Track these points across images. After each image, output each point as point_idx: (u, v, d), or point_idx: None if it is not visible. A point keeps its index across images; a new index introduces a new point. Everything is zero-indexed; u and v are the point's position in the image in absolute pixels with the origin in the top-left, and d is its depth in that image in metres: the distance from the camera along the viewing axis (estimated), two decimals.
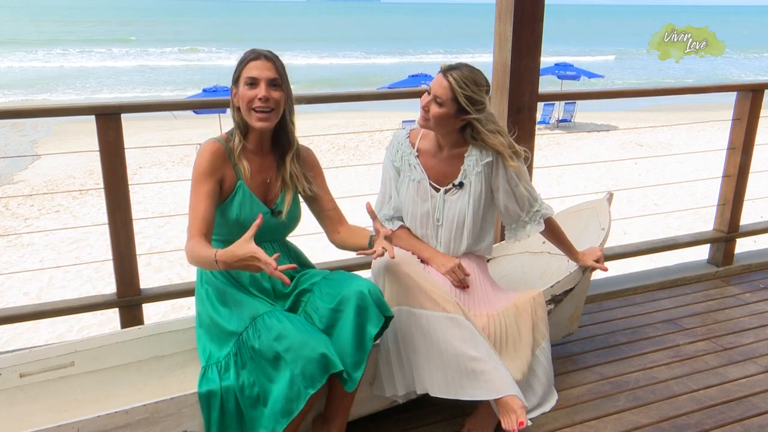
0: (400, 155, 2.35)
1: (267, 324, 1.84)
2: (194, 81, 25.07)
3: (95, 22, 60.39)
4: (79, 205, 10.07)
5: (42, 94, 23.93)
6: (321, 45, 44.67)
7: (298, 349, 1.76)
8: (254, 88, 1.93)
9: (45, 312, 2.73)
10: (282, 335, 1.79)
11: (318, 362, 1.75)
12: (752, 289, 3.40)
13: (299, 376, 1.75)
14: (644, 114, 18.44)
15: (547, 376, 2.30)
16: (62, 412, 2.02)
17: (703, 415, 2.31)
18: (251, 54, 1.96)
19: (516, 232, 2.39)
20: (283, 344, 1.78)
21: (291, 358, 1.76)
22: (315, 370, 1.75)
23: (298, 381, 1.75)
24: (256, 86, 1.93)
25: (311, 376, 1.75)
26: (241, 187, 1.98)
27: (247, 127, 2.00)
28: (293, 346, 1.77)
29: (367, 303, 1.88)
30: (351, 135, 15.13)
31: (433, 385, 2.05)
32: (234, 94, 1.98)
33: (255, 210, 1.98)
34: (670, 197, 9.68)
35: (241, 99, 1.95)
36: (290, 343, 1.77)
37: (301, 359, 1.75)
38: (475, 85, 2.17)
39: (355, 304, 1.87)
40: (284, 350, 1.77)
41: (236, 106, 1.98)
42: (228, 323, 1.92)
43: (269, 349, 1.79)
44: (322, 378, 1.76)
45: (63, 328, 5.71)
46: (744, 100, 3.42)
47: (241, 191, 1.99)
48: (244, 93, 1.94)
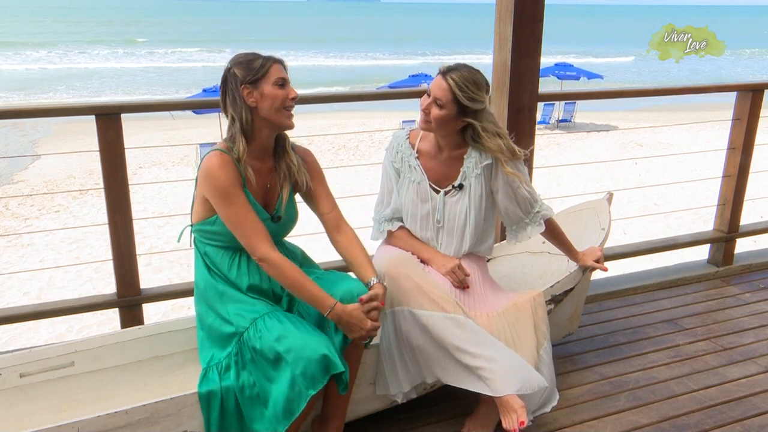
0: (400, 156, 2.35)
1: (268, 325, 1.84)
2: (196, 81, 25.05)
3: (91, 23, 60.26)
4: (79, 205, 10.07)
5: (43, 94, 23.92)
6: (321, 45, 44.66)
7: (299, 350, 1.76)
8: (284, 88, 1.96)
9: (45, 312, 2.73)
10: (283, 336, 1.79)
11: (319, 363, 1.75)
12: (752, 289, 3.40)
13: (300, 377, 1.75)
14: (644, 114, 18.43)
15: (550, 376, 2.30)
16: (62, 412, 2.02)
17: (703, 415, 2.31)
18: (270, 58, 1.97)
19: (516, 234, 2.39)
20: (284, 345, 1.78)
21: (292, 358, 1.76)
22: (316, 371, 1.75)
23: (300, 381, 1.75)
24: (286, 86, 1.96)
25: (312, 377, 1.75)
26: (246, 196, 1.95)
27: (253, 130, 1.96)
28: (294, 346, 1.77)
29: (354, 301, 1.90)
30: (351, 135, 15.12)
31: (442, 374, 2.08)
32: (249, 94, 1.93)
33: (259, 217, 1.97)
34: (670, 197, 9.68)
35: (270, 99, 1.93)
36: (291, 344, 1.77)
37: (303, 360, 1.75)
38: (475, 85, 2.17)
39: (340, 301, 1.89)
40: (285, 351, 1.77)
41: (250, 107, 1.94)
42: (229, 325, 1.92)
43: (270, 349, 1.79)
44: (323, 379, 1.76)
45: (63, 328, 5.71)
46: (744, 100, 3.42)
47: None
48: (274, 93, 1.93)
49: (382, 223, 2.37)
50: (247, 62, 1.95)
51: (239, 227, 1.89)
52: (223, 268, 1.98)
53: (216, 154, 1.92)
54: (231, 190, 1.89)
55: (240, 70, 1.93)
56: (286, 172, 2.05)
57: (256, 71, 1.93)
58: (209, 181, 1.89)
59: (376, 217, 2.40)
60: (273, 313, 1.89)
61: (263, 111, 1.94)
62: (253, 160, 1.99)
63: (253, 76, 1.93)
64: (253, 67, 1.93)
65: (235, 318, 1.91)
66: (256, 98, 1.93)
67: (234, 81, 1.93)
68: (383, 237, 2.38)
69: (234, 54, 2.01)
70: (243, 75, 1.93)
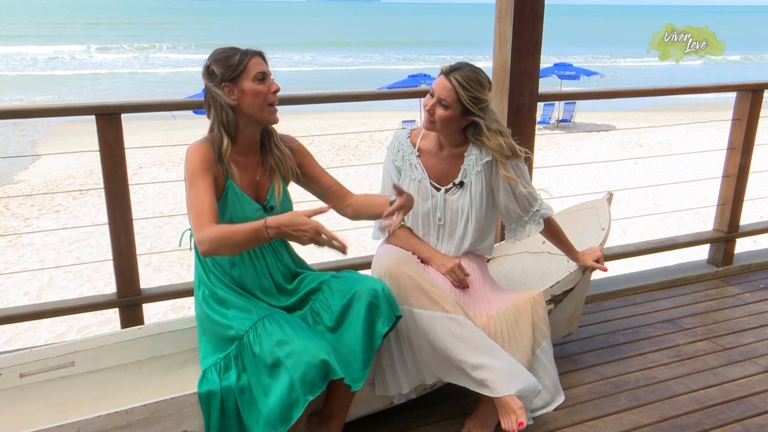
0: (401, 155, 2.35)
1: (267, 329, 1.82)
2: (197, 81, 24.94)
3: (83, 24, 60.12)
4: (79, 205, 10.06)
5: (44, 94, 23.90)
6: (321, 45, 44.63)
7: (299, 355, 1.74)
8: (264, 83, 1.93)
9: (45, 312, 2.73)
10: (283, 340, 1.77)
11: (319, 369, 1.73)
12: (752, 289, 3.40)
13: (299, 382, 1.72)
14: (644, 114, 18.43)
15: (549, 375, 2.29)
16: (62, 412, 2.02)
17: (703, 415, 2.31)
18: (248, 52, 1.93)
19: (516, 232, 2.39)
20: (285, 349, 1.76)
21: (291, 363, 1.74)
22: (315, 377, 1.73)
23: (298, 387, 1.72)
24: (266, 80, 1.94)
25: (311, 383, 1.72)
26: (230, 188, 1.95)
27: (237, 127, 1.95)
28: (295, 351, 1.74)
29: (379, 301, 1.89)
30: (351, 135, 15.12)
31: (442, 374, 2.09)
32: (229, 92, 1.91)
33: (247, 209, 1.96)
34: (670, 197, 9.68)
35: (250, 95, 1.91)
36: (292, 349, 1.75)
37: (302, 365, 1.72)
38: (479, 84, 2.17)
39: (367, 301, 1.87)
40: (285, 355, 1.75)
41: (230, 105, 1.91)
42: (229, 329, 1.90)
43: (270, 354, 1.77)
44: (321, 385, 1.74)
45: (63, 328, 5.71)
46: (744, 100, 3.42)
47: (231, 192, 1.95)
48: (255, 88, 1.91)
49: (381, 221, 2.36)
50: (225, 58, 1.92)
51: (191, 209, 1.84)
52: (225, 266, 1.97)
53: (195, 143, 1.94)
54: (196, 173, 1.87)
55: (218, 67, 1.91)
56: (274, 166, 2.04)
57: (235, 67, 1.90)
58: (185, 167, 1.90)
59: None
60: (273, 316, 1.87)
61: (245, 108, 1.93)
62: (239, 155, 1.98)
63: (231, 73, 1.90)
64: (231, 63, 1.91)
65: (236, 322, 1.90)
66: (237, 95, 1.92)
67: (213, 79, 1.92)
68: (384, 236, 2.38)
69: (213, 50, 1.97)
70: (222, 72, 1.90)
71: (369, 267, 2.48)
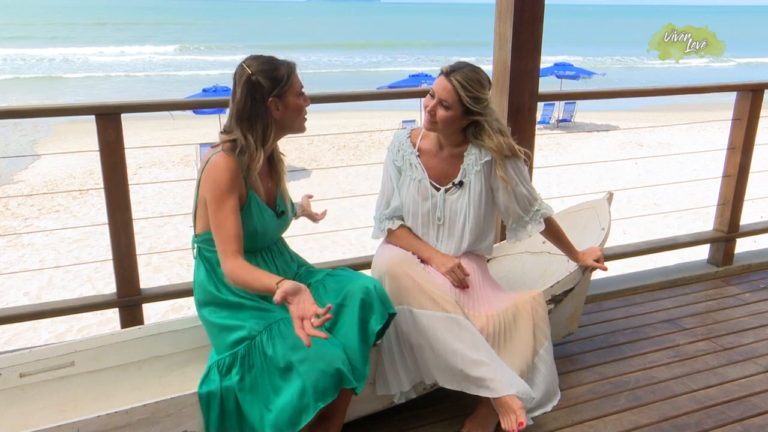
0: (402, 155, 2.35)
1: (283, 332, 1.81)
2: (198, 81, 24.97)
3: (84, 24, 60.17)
4: (79, 205, 10.06)
5: (44, 94, 23.88)
6: (321, 47, 44.62)
7: (314, 361, 1.73)
8: (303, 97, 1.97)
9: (45, 312, 2.73)
10: (298, 345, 1.73)
11: (333, 377, 1.72)
12: (752, 289, 3.40)
13: (311, 389, 1.71)
14: (644, 114, 18.44)
15: (551, 374, 2.30)
16: (62, 412, 2.02)
17: (703, 415, 2.31)
18: (290, 65, 1.94)
19: (516, 232, 2.39)
20: (299, 354, 1.74)
21: (305, 369, 1.73)
22: (328, 385, 1.72)
23: (310, 393, 1.71)
24: (304, 94, 1.98)
25: (323, 391, 1.72)
26: (252, 198, 1.94)
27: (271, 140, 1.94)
28: (309, 357, 1.73)
29: (371, 298, 1.89)
30: (351, 135, 15.13)
31: (440, 378, 2.08)
32: (275, 107, 1.89)
33: (266, 217, 1.97)
34: (670, 197, 9.69)
35: (294, 110, 1.93)
36: (306, 354, 1.73)
37: (316, 372, 1.72)
38: (479, 84, 2.18)
39: (360, 299, 1.88)
40: (299, 360, 1.74)
41: (275, 117, 1.91)
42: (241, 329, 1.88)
43: (283, 357, 1.76)
44: (333, 393, 1.73)
45: (63, 328, 5.71)
46: (744, 100, 3.42)
47: (254, 203, 1.94)
48: (298, 104, 1.94)
49: (383, 221, 2.37)
50: (271, 70, 1.88)
51: (217, 229, 1.84)
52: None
53: (222, 156, 1.87)
54: (224, 194, 1.84)
55: (265, 79, 1.87)
56: (277, 168, 2.06)
57: (283, 82, 1.89)
58: (212, 181, 1.86)
59: (376, 216, 2.40)
60: (288, 320, 1.83)
61: (286, 121, 1.93)
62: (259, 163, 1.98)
63: (280, 89, 1.88)
64: (277, 77, 1.88)
65: (249, 322, 1.88)
66: (281, 110, 1.91)
67: (258, 91, 1.87)
68: (384, 235, 2.38)
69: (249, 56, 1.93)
70: (269, 86, 1.87)
71: (369, 267, 2.48)
